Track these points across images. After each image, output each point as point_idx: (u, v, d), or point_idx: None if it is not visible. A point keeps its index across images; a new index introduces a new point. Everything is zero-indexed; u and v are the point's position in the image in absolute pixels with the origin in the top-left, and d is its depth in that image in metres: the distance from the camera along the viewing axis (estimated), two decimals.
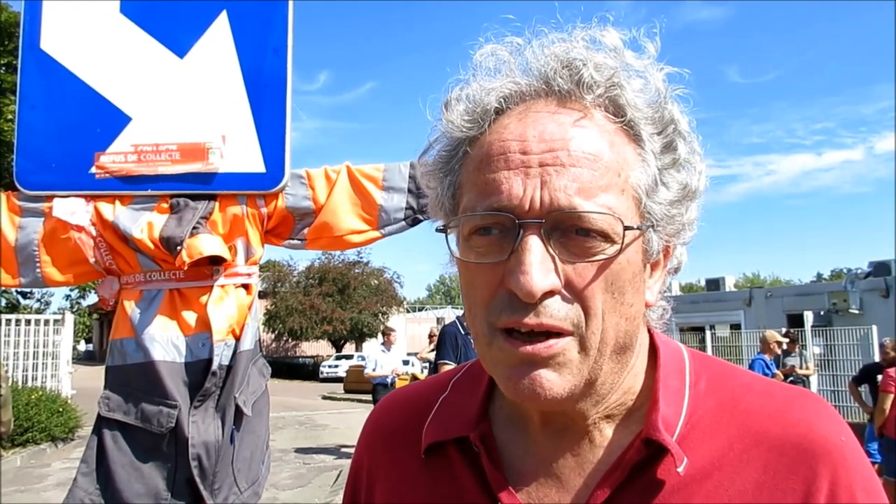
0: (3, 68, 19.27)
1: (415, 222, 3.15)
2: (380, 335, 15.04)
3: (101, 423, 2.78)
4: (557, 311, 0.78)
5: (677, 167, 0.87)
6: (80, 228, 2.77)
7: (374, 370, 13.16)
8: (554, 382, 0.79)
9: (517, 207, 0.79)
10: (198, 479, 2.72)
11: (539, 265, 0.77)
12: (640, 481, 0.84)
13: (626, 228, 0.79)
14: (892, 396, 9.09)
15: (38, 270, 2.85)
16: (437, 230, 0.90)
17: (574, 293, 0.79)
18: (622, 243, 0.80)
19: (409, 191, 3.13)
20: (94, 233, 2.80)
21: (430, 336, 13.75)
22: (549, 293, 0.78)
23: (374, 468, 1.06)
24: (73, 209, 2.77)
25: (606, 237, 0.79)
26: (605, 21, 0.87)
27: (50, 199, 2.82)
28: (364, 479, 1.07)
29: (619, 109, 0.84)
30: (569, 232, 0.79)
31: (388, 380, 13.20)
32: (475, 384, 1.02)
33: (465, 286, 0.87)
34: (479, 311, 0.84)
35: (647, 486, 0.84)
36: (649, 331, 0.97)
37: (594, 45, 0.85)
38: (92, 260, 2.83)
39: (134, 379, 2.77)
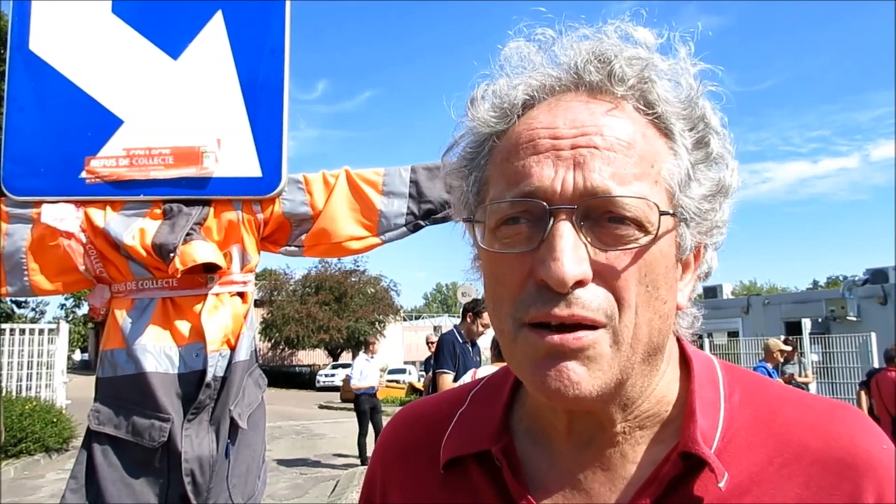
0: None
1: (416, 228, 3.08)
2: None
3: (91, 436, 2.69)
4: (590, 302, 0.75)
5: (709, 163, 0.84)
6: (69, 235, 2.68)
7: (359, 380, 13.38)
8: (582, 377, 0.75)
9: (548, 191, 0.77)
10: (191, 495, 2.63)
11: (571, 252, 0.74)
12: (677, 497, 0.80)
13: (662, 214, 0.77)
14: (864, 398, 9.32)
15: (25, 279, 2.75)
16: (464, 220, 0.88)
17: (606, 283, 0.76)
18: (657, 231, 0.77)
19: (411, 196, 3.05)
20: (84, 240, 2.71)
21: (428, 343, 13.82)
22: (580, 283, 0.75)
23: (388, 482, 1.02)
24: (62, 215, 2.68)
25: (640, 226, 0.76)
26: (638, 17, 0.86)
27: (38, 204, 2.73)
28: (378, 494, 1.04)
29: (650, 104, 0.82)
30: (601, 220, 0.77)
31: (373, 390, 13.51)
32: (495, 396, 0.98)
33: (490, 282, 0.83)
34: (504, 307, 0.80)
35: (685, 502, 0.80)
36: (679, 340, 0.93)
37: (625, 40, 0.84)
38: (82, 268, 2.75)
39: (125, 391, 2.68)
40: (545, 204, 0.76)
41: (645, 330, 0.78)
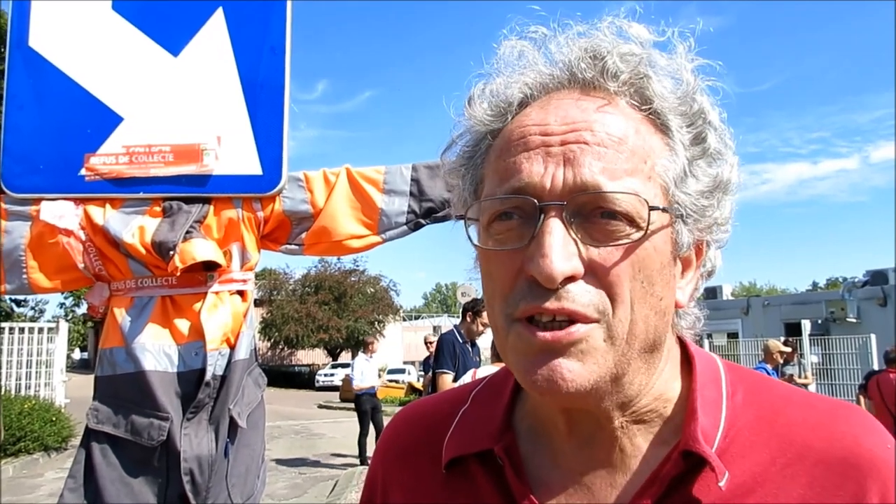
0: None
1: (417, 227, 3.06)
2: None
3: (90, 435, 2.67)
4: (580, 297, 0.75)
5: (707, 158, 0.84)
6: (68, 233, 2.67)
7: (361, 380, 13.35)
8: (576, 373, 0.75)
9: (537, 187, 0.77)
10: (190, 495, 2.61)
11: (560, 248, 0.74)
12: (678, 497, 0.79)
13: (652, 209, 0.76)
14: (868, 402, 9.31)
15: (24, 277, 2.74)
16: (457, 217, 0.88)
17: (599, 279, 0.76)
18: (647, 226, 0.76)
19: (411, 194, 3.03)
20: (83, 237, 2.70)
21: (427, 343, 13.78)
22: (572, 279, 0.75)
23: (389, 482, 1.02)
24: (61, 212, 2.67)
25: (632, 221, 0.76)
26: (632, 13, 0.85)
27: (37, 202, 2.72)
28: (379, 494, 1.03)
29: (645, 99, 0.82)
30: (592, 216, 0.76)
31: (373, 390, 13.50)
32: (496, 396, 0.98)
33: (484, 279, 0.84)
34: (497, 304, 0.80)
35: (686, 501, 0.79)
36: (682, 340, 0.92)
37: (620, 36, 0.83)
38: (81, 266, 2.73)
39: (124, 390, 2.67)
40: (535, 200, 0.76)
41: (641, 326, 0.78)
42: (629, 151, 0.77)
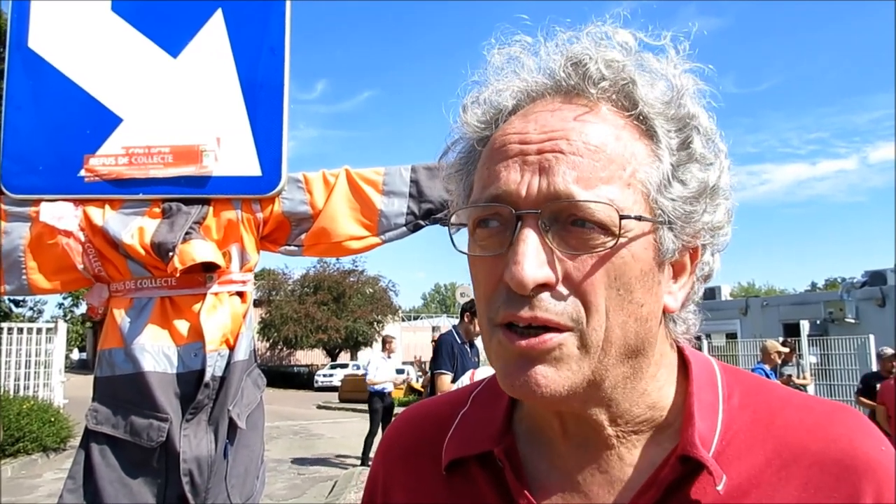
0: None
1: (416, 228, 3.06)
2: (380, 343, 15.03)
3: (89, 436, 2.67)
4: (554, 306, 0.76)
5: (694, 163, 0.83)
6: (67, 234, 2.67)
7: (374, 375, 13.13)
8: (550, 379, 0.77)
9: (513, 195, 0.78)
10: (189, 496, 2.61)
11: (533, 256, 0.75)
12: (675, 501, 0.80)
13: (623, 218, 0.76)
14: (881, 409, 9.21)
15: (23, 277, 2.74)
16: (442, 223, 0.88)
17: (573, 288, 0.77)
18: (619, 234, 0.76)
19: (411, 195, 3.03)
20: (82, 238, 2.70)
21: (434, 343, 13.71)
22: (546, 286, 0.76)
23: (390, 484, 1.03)
24: (60, 213, 2.66)
25: (606, 230, 0.76)
26: (618, 18, 0.86)
27: (37, 202, 2.72)
28: (380, 494, 1.04)
29: (631, 104, 0.82)
30: (567, 223, 0.77)
31: (387, 389, 13.24)
32: (496, 398, 0.98)
33: (473, 283, 0.86)
34: (482, 308, 0.83)
35: None
36: (678, 345, 0.92)
37: (606, 41, 0.84)
38: (80, 267, 2.73)
39: (123, 391, 2.67)
40: (511, 208, 0.78)
41: (618, 332, 0.78)
42: (606, 159, 0.78)
